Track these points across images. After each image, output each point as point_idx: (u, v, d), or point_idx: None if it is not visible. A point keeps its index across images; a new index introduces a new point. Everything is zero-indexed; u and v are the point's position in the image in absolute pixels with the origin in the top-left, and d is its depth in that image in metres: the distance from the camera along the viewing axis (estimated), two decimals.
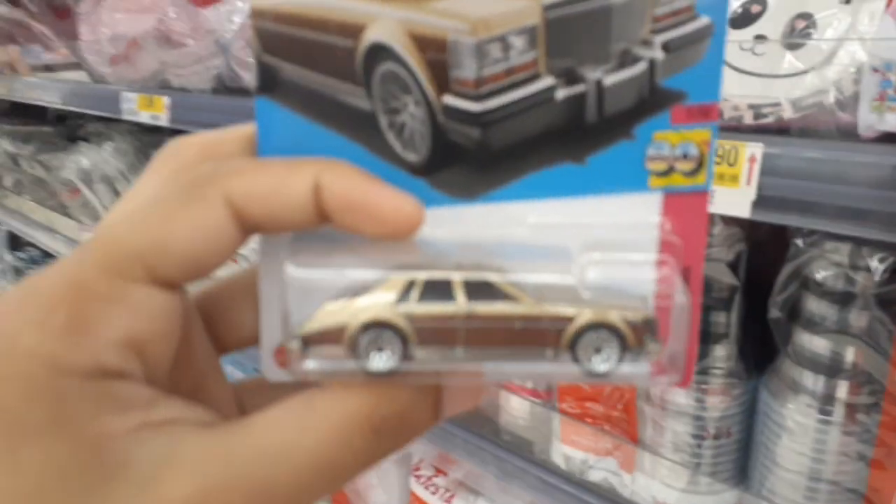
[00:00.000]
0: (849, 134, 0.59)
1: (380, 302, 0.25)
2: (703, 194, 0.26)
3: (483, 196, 0.26)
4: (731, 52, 0.66)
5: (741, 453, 0.80)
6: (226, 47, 1.23)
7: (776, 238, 0.72)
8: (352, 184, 0.24)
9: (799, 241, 0.66)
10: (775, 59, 0.63)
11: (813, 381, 0.68)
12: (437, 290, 0.25)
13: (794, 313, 0.70)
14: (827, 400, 0.67)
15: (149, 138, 1.83)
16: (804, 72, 0.61)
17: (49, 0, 1.71)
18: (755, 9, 0.65)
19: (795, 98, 0.61)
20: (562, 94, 0.26)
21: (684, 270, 0.26)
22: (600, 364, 0.25)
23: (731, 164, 0.62)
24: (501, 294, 0.25)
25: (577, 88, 0.26)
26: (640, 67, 0.26)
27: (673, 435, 0.79)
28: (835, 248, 0.64)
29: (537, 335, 0.25)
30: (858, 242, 0.63)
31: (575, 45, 0.26)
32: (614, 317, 0.25)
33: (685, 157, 0.26)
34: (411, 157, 0.26)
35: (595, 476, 0.89)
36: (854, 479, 0.68)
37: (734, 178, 0.62)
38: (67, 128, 2.13)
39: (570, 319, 0.25)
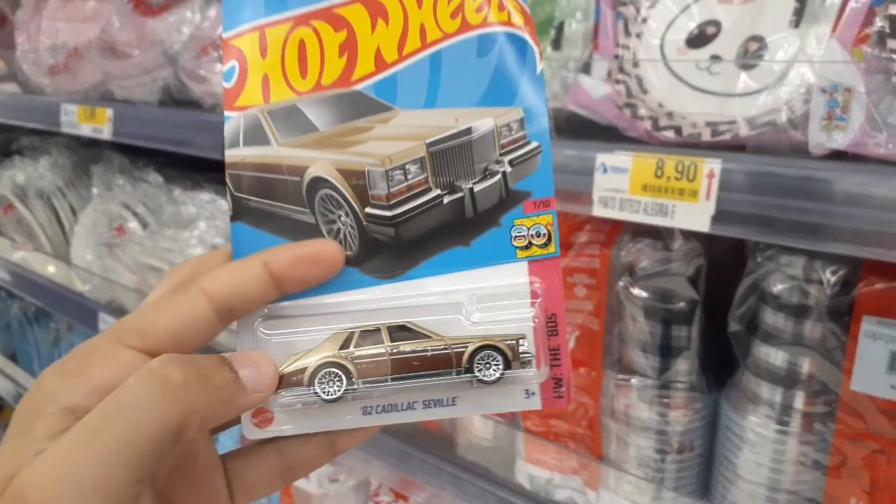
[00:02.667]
0: (801, 151, 0.64)
1: (329, 350, 0.37)
2: (556, 259, 0.39)
3: (400, 276, 0.38)
4: (689, 72, 0.71)
5: (704, 467, 0.84)
6: (174, 58, 1.24)
7: (734, 253, 0.77)
8: (289, 249, 0.37)
9: (756, 256, 0.71)
10: (730, 78, 0.68)
11: (771, 393, 0.72)
12: (370, 336, 0.38)
13: (752, 326, 0.74)
14: (785, 411, 0.71)
15: (88, 152, 1.82)
16: (758, 91, 0.66)
17: None
18: (710, 30, 0.69)
19: (750, 116, 0.66)
20: (447, 199, 0.39)
21: (550, 316, 0.38)
22: (491, 374, 0.37)
23: (690, 180, 0.66)
24: (416, 334, 0.38)
25: (457, 195, 0.39)
26: (497, 177, 0.39)
27: (637, 450, 0.83)
28: (790, 262, 0.68)
29: (444, 360, 0.37)
30: (812, 256, 0.68)
31: (451, 167, 0.40)
32: (496, 340, 0.38)
33: (538, 235, 0.39)
34: (346, 253, 0.38)
35: (560, 495, 0.92)
36: (812, 489, 0.72)
37: (694, 194, 0.67)
38: (0, 141, 2.10)
39: (466, 344, 0.37)
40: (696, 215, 0.67)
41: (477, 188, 0.39)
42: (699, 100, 0.69)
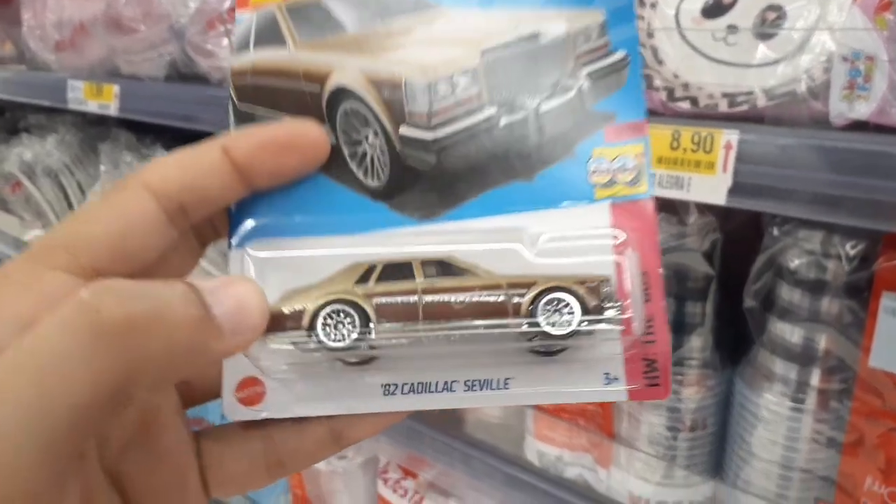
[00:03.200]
0: (821, 122, 0.63)
1: (340, 285, 0.29)
2: (647, 202, 0.30)
3: (440, 216, 0.30)
4: (705, 42, 0.69)
5: (716, 445, 0.83)
6: (180, 32, 1.23)
7: (751, 228, 0.76)
8: (255, 131, 0.29)
9: (773, 230, 0.70)
10: (748, 49, 0.66)
11: (786, 370, 0.72)
12: (398, 270, 0.29)
13: (768, 303, 0.73)
14: (800, 388, 0.71)
15: (94, 130, 1.81)
16: (776, 61, 0.64)
17: None
18: (726, 0, 0.68)
19: (768, 87, 0.64)
20: (504, 120, 0.31)
21: (641, 275, 0.30)
22: (563, 325, 0.28)
23: (707, 152, 0.65)
24: (460, 270, 0.29)
25: (518, 115, 0.31)
26: (571, 94, 0.31)
27: (649, 428, 0.82)
28: (807, 237, 0.67)
29: (497, 307, 0.28)
30: (831, 230, 0.67)
31: (512, 81, 0.31)
32: (571, 281, 0.29)
33: (624, 169, 0.30)
34: (373, 183, 0.31)
35: (570, 472, 0.92)
36: (826, 467, 0.71)
37: (711, 166, 0.65)
38: (7, 119, 2.10)
39: (528, 285, 0.28)
40: (712, 188, 0.66)
41: (544, 107, 0.31)
42: (716, 70, 0.68)
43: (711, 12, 0.70)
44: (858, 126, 0.61)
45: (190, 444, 0.30)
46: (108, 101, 1.38)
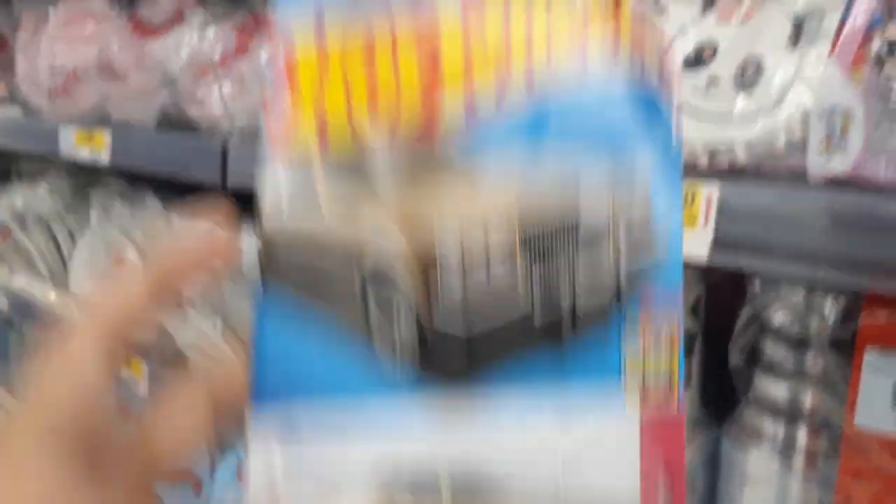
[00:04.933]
0: (801, 176, 0.63)
1: None
2: (678, 418, 0.29)
3: (463, 381, 0.30)
4: (687, 95, 0.70)
5: None
6: (172, 81, 1.25)
7: (734, 282, 0.76)
8: (168, 258, 0.31)
9: (755, 285, 0.70)
10: (728, 101, 0.67)
11: (773, 428, 0.71)
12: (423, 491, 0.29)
13: (753, 358, 0.73)
14: (787, 446, 0.70)
15: (87, 176, 1.83)
16: (755, 114, 0.65)
17: None
18: (707, 53, 0.69)
19: (748, 141, 0.65)
20: (539, 320, 0.30)
21: (667, 479, 0.29)
22: None
23: (689, 206, 0.66)
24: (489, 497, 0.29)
25: (554, 310, 0.30)
26: (611, 281, 0.30)
27: None
28: (790, 291, 0.67)
29: None
30: (813, 285, 0.67)
31: (551, 262, 0.30)
32: None
33: (657, 352, 0.30)
34: (401, 365, 0.30)
35: None
36: None
37: (692, 220, 0.66)
38: None
39: None
40: (694, 242, 0.66)
41: (582, 298, 0.30)
42: (697, 123, 0.69)
43: (692, 64, 0.71)
44: (838, 182, 0.61)
45: None
46: (99, 149, 1.40)
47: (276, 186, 0.30)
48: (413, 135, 0.30)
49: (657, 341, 0.30)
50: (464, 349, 0.30)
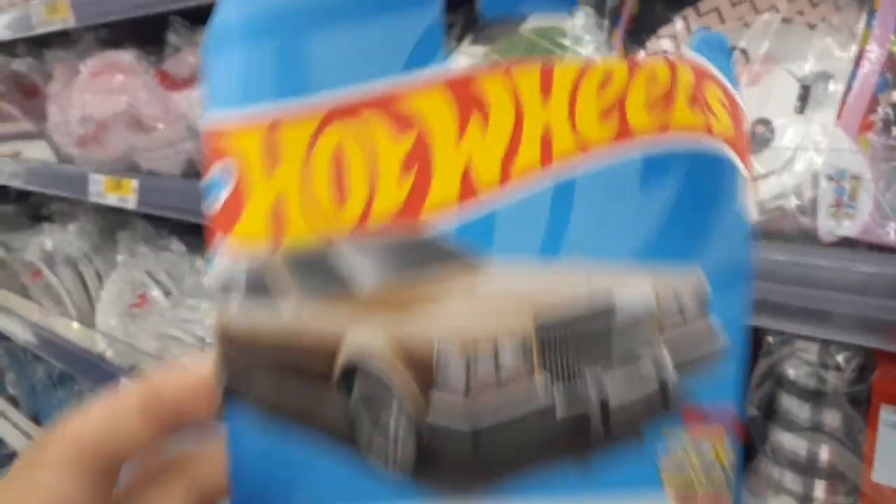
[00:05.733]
0: (811, 236, 0.64)
1: None
2: None
3: (475, 495, 0.25)
4: None
5: None
6: (198, 132, 1.28)
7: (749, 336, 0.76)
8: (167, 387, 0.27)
9: (770, 339, 0.71)
10: None
11: (791, 481, 0.71)
12: None
13: (769, 411, 0.73)
14: (805, 500, 0.70)
15: (114, 218, 1.87)
16: (766, 175, 0.66)
17: (18, 79, 1.77)
18: None
19: (759, 201, 0.66)
20: (561, 413, 0.25)
21: None
22: None
23: None
24: None
25: (579, 409, 0.25)
26: (651, 384, 0.25)
27: None
28: (805, 347, 0.68)
29: None
30: (827, 341, 0.67)
31: (574, 358, 0.25)
32: None
33: (703, 464, 0.25)
34: (394, 471, 0.25)
35: None
36: None
37: None
38: (31, 205, 2.17)
39: None
40: None
41: (614, 399, 0.25)
42: None
43: None
44: (848, 242, 0.62)
45: None
46: (127, 195, 1.43)
47: (224, 278, 0.25)
48: (390, 217, 0.25)
49: (703, 461, 0.25)
50: (468, 447, 0.24)
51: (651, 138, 0.25)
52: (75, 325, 1.86)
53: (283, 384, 0.26)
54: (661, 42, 0.76)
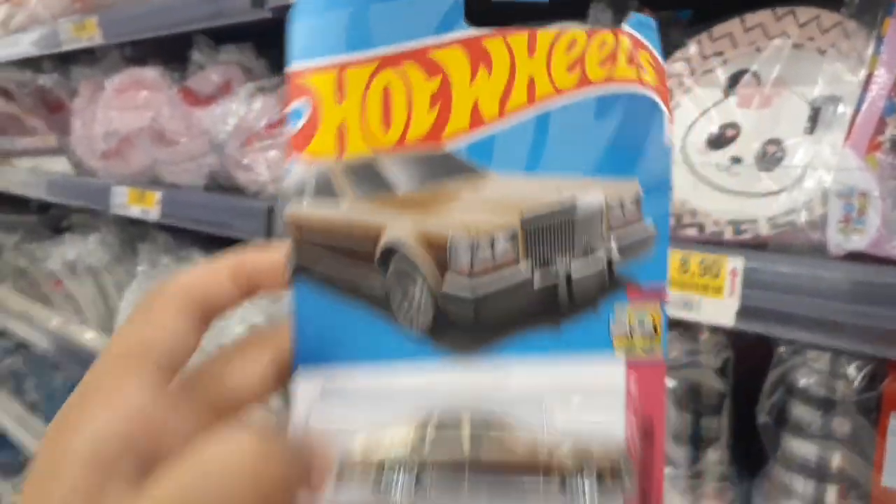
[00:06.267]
0: (821, 250, 0.67)
1: (400, 449, 0.32)
2: (660, 367, 0.33)
3: (478, 352, 0.34)
4: (711, 172, 0.74)
5: None
6: (220, 147, 1.32)
7: (761, 345, 0.79)
8: (256, 258, 0.34)
9: (782, 349, 0.73)
10: (751, 179, 0.71)
11: (802, 486, 0.73)
12: (448, 428, 0.32)
13: (781, 419, 0.76)
14: None
15: (135, 230, 1.90)
16: (778, 192, 0.69)
17: (43, 94, 1.81)
18: (730, 133, 0.73)
19: (771, 216, 0.69)
20: (538, 284, 0.35)
21: (645, 425, 0.33)
22: (580, 499, 0.32)
23: (714, 277, 0.69)
24: (501, 446, 0.32)
25: (550, 281, 0.35)
26: (600, 264, 0.35)
27: None
28: (816, 356, 0.70)
29: (530, 481, 0.32)
30: (838, 350, 0.70)
31: (548, 246, 0.35)
32: (596, 459, 0.32)
33: (641, 328, 0.34)
34: (416, 330, 0.34)
35: None
36: None
37: (718, 290, 0.69)
38: (52, 217, 2.20)
39: (558, 468, 0.32)
40: (721, 310, 0.69)
41: (575, 275, 0.34)
42: (721, 199, 0.73)
43: (716, 143, 0.75)
44: (855, 256, 0.64)
45: None
46: (149, 207, 1.46)
47: (298, 183, 0.34)
48: (421, 139, 0.34)
49: (642, 326, 0.33)
50: (471, 311, 0.33)
51: (602, 85, 0.34)
52: (94, 333, 1.89)
53: (338, 263, 0.34)
54: (676, 66, 0.79)
